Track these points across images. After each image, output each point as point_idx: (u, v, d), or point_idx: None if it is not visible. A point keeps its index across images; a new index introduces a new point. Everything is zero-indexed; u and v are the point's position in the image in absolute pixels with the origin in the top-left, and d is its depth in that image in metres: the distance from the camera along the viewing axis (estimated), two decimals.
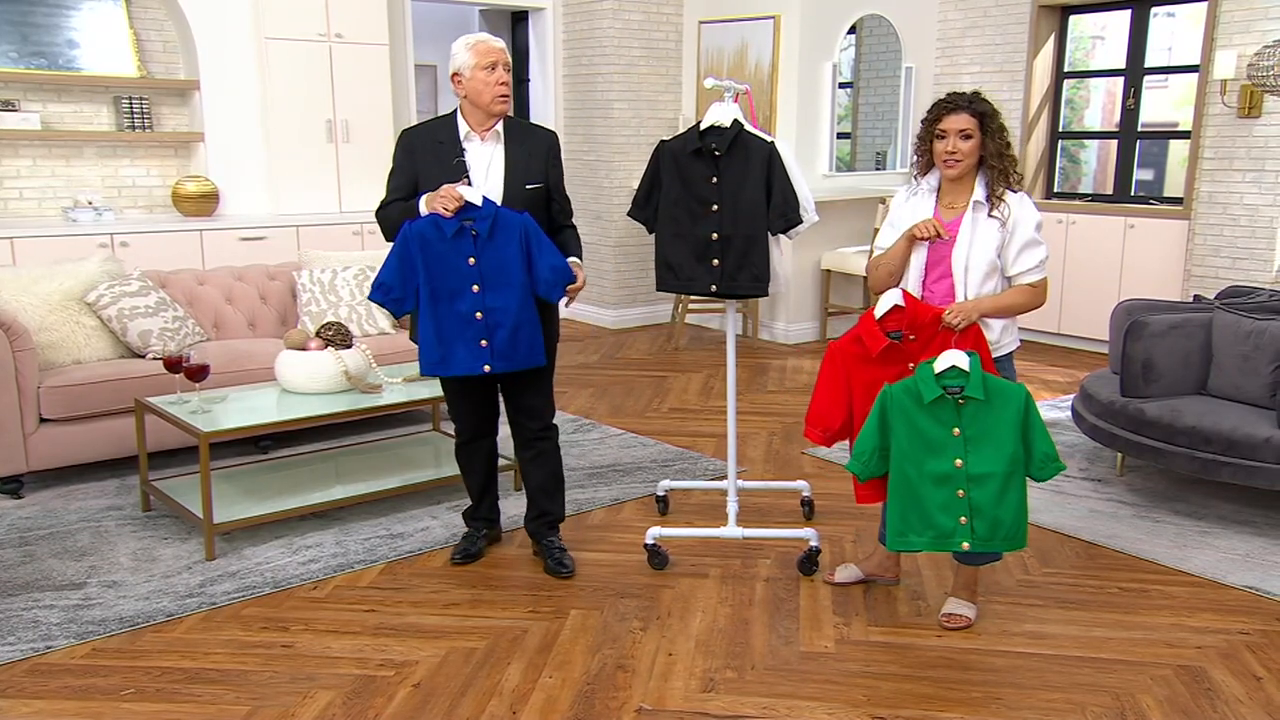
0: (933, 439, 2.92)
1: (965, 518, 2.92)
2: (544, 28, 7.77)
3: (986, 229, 3.03)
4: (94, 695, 2.74)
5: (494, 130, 3.29)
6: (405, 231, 3.17)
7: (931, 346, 3.01)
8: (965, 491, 2.91)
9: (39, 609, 3.20)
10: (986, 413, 2.90)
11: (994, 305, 3.05)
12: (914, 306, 3.05)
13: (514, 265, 3.18)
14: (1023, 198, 3.07)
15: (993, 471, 2.89)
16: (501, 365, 3.23)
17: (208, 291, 4.97)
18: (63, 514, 3.96)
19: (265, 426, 3.78)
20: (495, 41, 3.28)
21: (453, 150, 3.28)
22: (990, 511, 2.91)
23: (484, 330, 3.20)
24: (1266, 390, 4.05)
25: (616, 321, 7.74)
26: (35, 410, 4.12)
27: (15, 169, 5.89)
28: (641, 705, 2.72)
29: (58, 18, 5.86)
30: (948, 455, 2.92)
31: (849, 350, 3.14)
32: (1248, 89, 5.92)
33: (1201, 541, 3.80)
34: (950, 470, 2.91)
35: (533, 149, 3.33)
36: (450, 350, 3.21)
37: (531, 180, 3.30)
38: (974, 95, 3.07)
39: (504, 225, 3.17)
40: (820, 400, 3.19)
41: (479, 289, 3.18)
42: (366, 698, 2.74)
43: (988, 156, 3.03)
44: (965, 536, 2.93)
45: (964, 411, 2.90)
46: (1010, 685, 2.83)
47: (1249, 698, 2.79)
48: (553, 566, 3.48)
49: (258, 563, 3.55)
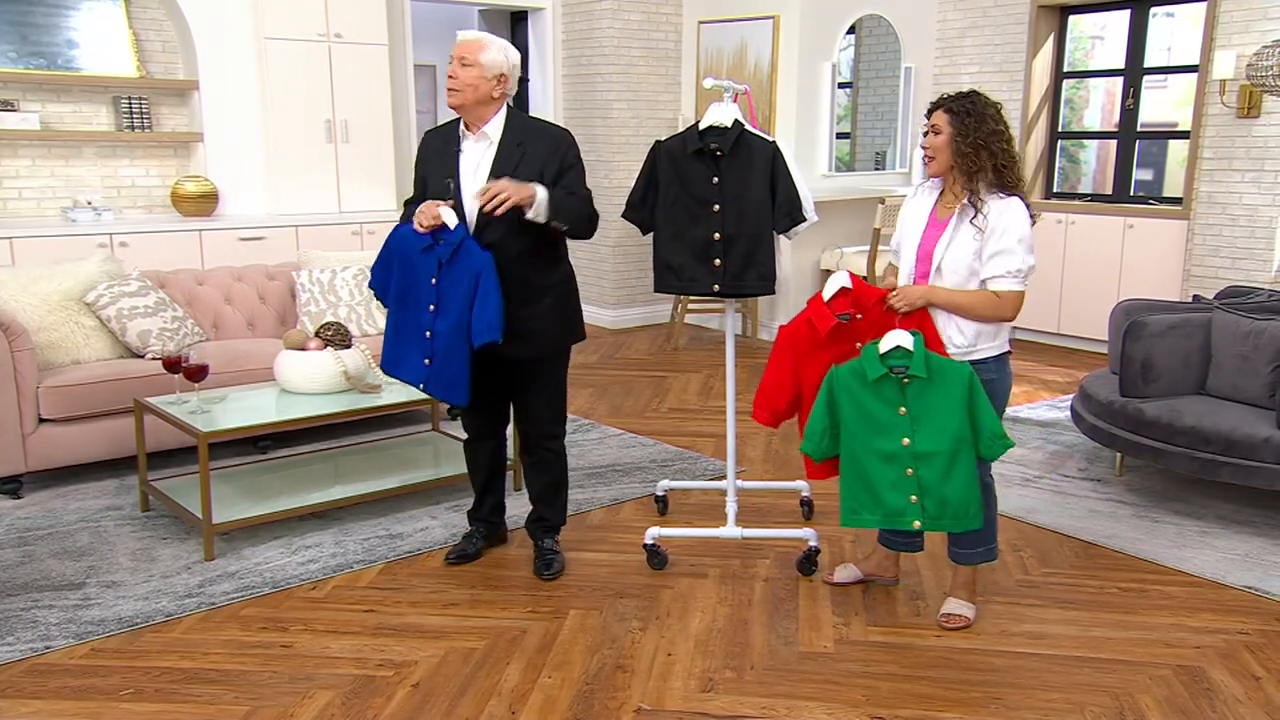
0: (879, 418, 2.99)
1: (915, 496, 2.98)
2: (543, 28, 7.77)
3: (965, 235, 2.96)
4: (93, 695, 2.74)
5: (483, 130, 3.21)
6: (393, 230, 3.29)
7: (878, 327, 3.06)
8: (913, 470, 2.97)
9: (38, 609, 3.20)
10: (931, 391, 2.95)
11: (946, 298, 2.98)
12: (860, 288, 3.12)
13: (461, 299, 3.16)
14: (1011, 204, 2.94)
15: (938, 450, 2.95)
16: (432, 388, 3.25)
17: (207, 291, 4.97)
18: (62, 514, 3.96)
19: (264, 427, 3.79)
20: (462, 35, 3.21)
21: (452, 153, 3.24)
22: (938, 489, 2.96)
23: (429, 349, 3.23)
24: (1266, 390, 4.05)
25: (616, 321, 7.74)
26: (34, 410, 4.11)
27: (14, 169, 5.89)
28: (641, 705, 2.72)
29: (57, 18, 5.85)
30: (894, 434, 2.98)
31: (799, 333, 3.20)
32: (1247, 89, 5.92)
33: (1201, 541, 3.80)
34: (897, 449, 2.97)
35: (532, 151, 3.18)
36: (404, 354, 3.29)
37: (524, 180, 3.11)
38: (961, 94, 3.00)
39: (464, 257, 3.14)
40: (768, 382, 3.25)
41: (434, 309, 3.20)
42: (365, 698, 2.74)
43: (954, 154, 2.95)
44: (916, 515, 2.99)
45: (909, 390, 2.96)
46: (1009, 685, 2.83)
47: (1248, 698, 2.79)
48: (538, 567, 3.47)
49: (257, 563, 3.55)
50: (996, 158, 2.93)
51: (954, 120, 2.95)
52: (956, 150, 2.95)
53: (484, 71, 3.16)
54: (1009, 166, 2.96)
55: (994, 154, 2.93)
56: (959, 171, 2.97)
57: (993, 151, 2.93)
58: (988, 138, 2.92)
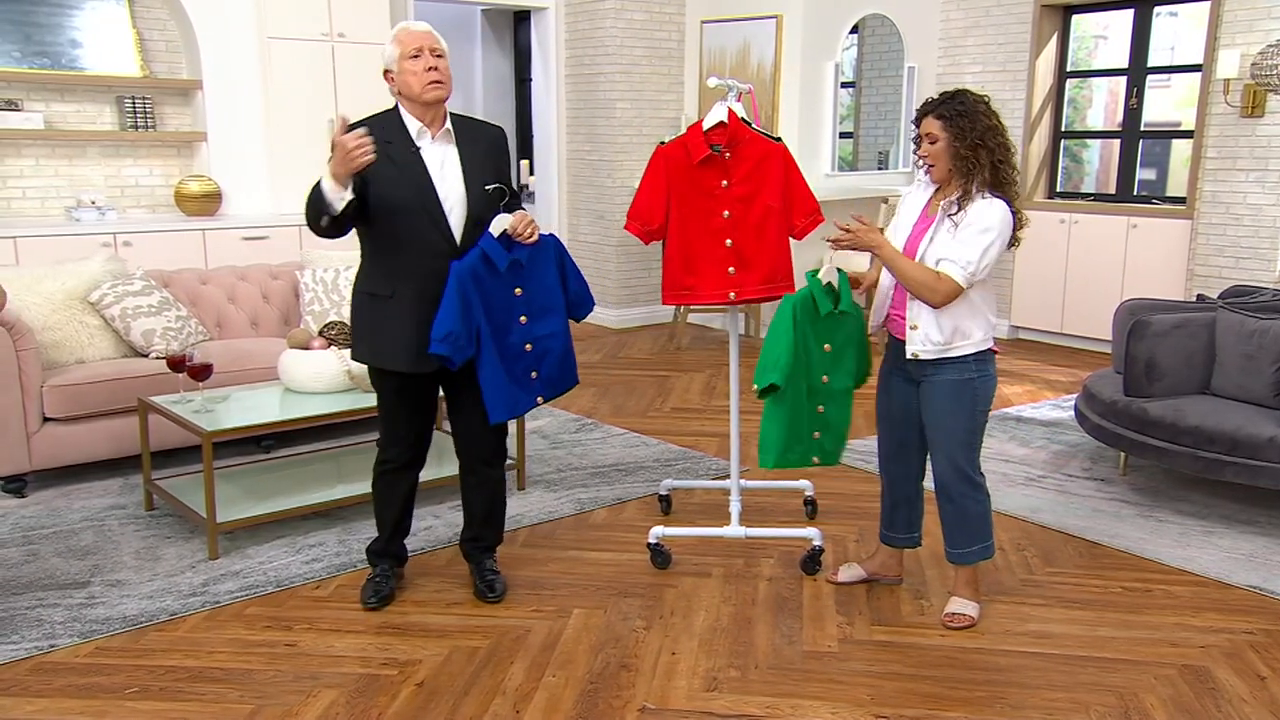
0: (812, 353, 3.09)
1: (819, 432, 3.10)
2: (546, 27, 7.77)
3: (945, 228, 2.94)
4: (98, 694, 2.74)
5: (445, 129, 3.04)
6: (456, 273, 2.95)
7: (743, 167, 3.23)
8: (824, 407, 3.10)
9: (43, 608, 3.20)
10: (845, 330, 3.08)
11: (893, 255, 2.92)
12: (735, 125, 3.24)
13: (556, 290, 3.10)
14: (993, 204, 2.90)
15: (845, 387, 3.10)
16: (549, 393, 3.17)
17: (210, 291, 4.97)
18: (66, 513, 3.97)
19: (268, 426, 3.79)
20: (418, 26, 3.04)
21: (406, 149, 2.98)
22: (838, 427, 3.11)
23: (533, 361, 3.12)
24: (1270, 390, 4.05)
25: (619, 321, 7.74)
26: (39, 409, 4.12)
27: (18, 168, 5.89)
28: (645, 704, 2.72)
29: (60, 17, 5.86)
30: (818, 370, 3.09)
31: (674, 155, 3.31)
32: (1251, 88, 5.91)
33: (1205, 541, 3.80)
34: (817, 384, 3.09)
35: (486, 148, 3.11)
36: (514, 393, 3.08)
37: (489, 180, 3.05)
38: (948, 95, 2.94)
39: (540, 248, 3.08)
40: (642, 199, 3.35)
41: (526, 320, 3.08)
42: (370, 696, 2.74)
43: (954, 156, 2.91)
44: (816, 450, 3.13)
45: (835, 327, 3.09)
46: (1014, 685, 2.83)
47: (1253, 697, 2.78)
48: (481, 589, 3.31)
49: (261, 562, 3.55)
50: (994, 153, 2.90)
51: (948, 125, 2.91)
52: (955, 154, 2.91)
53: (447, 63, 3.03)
54: (1005, 161, 2.93)
55: (991, 150, 2.90)
56: (958, 174, 2.94)
57: (990, 148, 2.90)
58: (984, 135, 2.89)
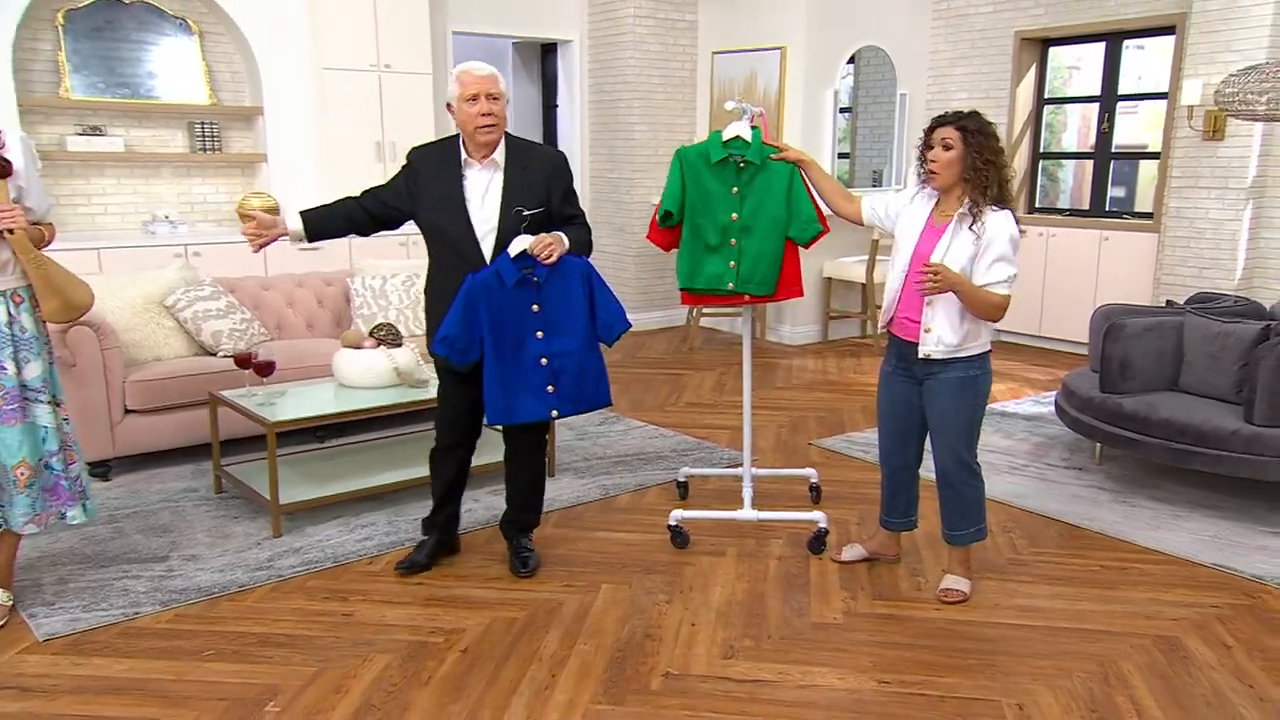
0: (715, 195, 3.30)
1: (734, 262, 3.31)
2: (571, 58, 7.79)
3: (963, 240, 2.91)
4: (178, 655, 2.77)
5: (492, 158, 3.02)
6: (468, 284, 2.97)
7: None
8: (737, 241, 3.30)
9: (128, 579, 3.23)
10: (761, 177, 3.29)
11: (971, 290, 2.89)
12: None
13: (579, 313, 3.05)
14: (1006, 215, 2.90)
15: (758, 225, 3.28)
16: (569, 408, 3.09)
17: (271, 296, 5.00)
18: (146, 495, 3.99)
19: (326, 417, 3.80)
20: (479, 70, 2.97)
21: (456, 178, 3.01)
22: (751, 257, 3.29)
23: (550, 375, 3.06)
24: (1233, 386, 4.02)
25: (636, 324, 7.73)
26: (121, 402, 4.15)
27: (101, 187, 5.94)
28: (668, 670, 2.72)
29: (139, 52, 5.90)
30: (726, 209, 3.30)
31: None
32: (1212, 114, 5.87)
33: (1174, 524, 3.78)
34: (726, 222, 3.30)
35: (534, 174, 3.05)
36: (515, 399, 3.04)
37: (529, 206, 3.01)
38: (965, 112, 2.94)
39: (562, 270, 3.03)
40: None
41: (543, 335, 3.04)
42: (420, 660, 2.75)
43: (966, 169, 2.90)
44: (731, 278, 3.32)
45: (743, 175, 3.29)
46: (1003, 653, 2.82)
47: (1220, 664, 2.77)
48: (515, 565, 3.31)
49: (319, 540, 3.57)
50: (1001, 172, 2.90)
51: (966, 137, 2.89)
52: (970, 166, 2.88)
53: (505, 101, 3.02)
54: (1008, 181, 2.93)
55: (999, 168, 2.90)
56: (970, 186, 2.90)
57: (998, 167, 2.90)
58: (995, 154, 2.89)
